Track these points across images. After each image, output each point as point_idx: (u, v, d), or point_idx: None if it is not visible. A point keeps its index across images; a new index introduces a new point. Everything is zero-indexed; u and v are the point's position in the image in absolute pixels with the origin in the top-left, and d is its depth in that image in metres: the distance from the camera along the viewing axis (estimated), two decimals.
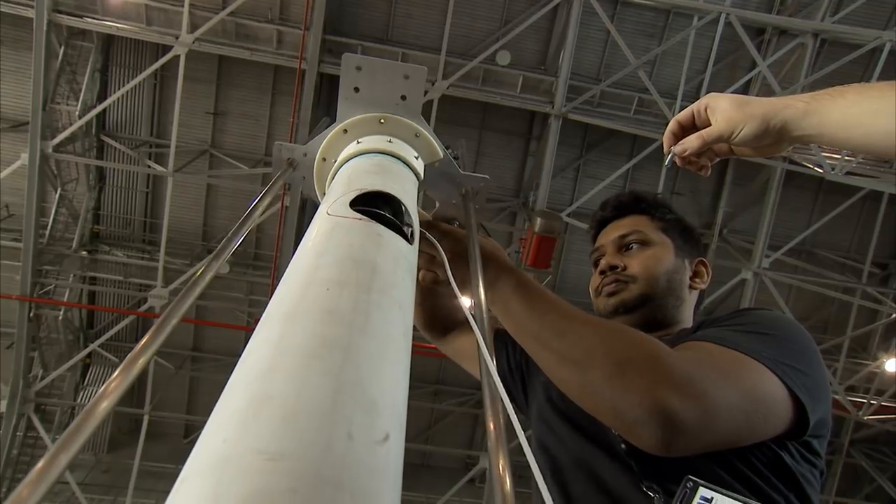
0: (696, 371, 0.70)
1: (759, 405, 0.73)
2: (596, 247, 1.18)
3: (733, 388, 0.71)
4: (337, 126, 0.74)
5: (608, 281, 1.09)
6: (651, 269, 1.06)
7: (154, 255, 7.33)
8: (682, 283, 1.09)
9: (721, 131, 0.80)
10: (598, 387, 0.69)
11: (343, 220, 0.52)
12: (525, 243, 6.39)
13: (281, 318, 0.40)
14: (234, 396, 0.34)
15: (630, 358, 0.69)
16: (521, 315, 0.79)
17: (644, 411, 0.65)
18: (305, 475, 0.28)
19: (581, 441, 0.92)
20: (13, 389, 6.74)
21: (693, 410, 0.66)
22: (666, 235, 1.12)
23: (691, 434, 0.66)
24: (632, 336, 0.73)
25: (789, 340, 0.82)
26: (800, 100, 0.76)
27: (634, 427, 0.66)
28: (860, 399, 7.37)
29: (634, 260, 1.09)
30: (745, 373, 0.74)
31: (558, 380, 0.75)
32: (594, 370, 0.70)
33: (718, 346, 0.77)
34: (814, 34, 6.44)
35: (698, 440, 0.68)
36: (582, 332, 0.74)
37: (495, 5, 6.84)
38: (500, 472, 0.35)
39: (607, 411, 0.69)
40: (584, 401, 0.73)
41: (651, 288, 1.06)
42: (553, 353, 0.75)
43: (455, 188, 0.79)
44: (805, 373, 0.78)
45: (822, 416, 0.81)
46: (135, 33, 6.31)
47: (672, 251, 1.10)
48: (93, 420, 0.37)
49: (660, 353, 0.70)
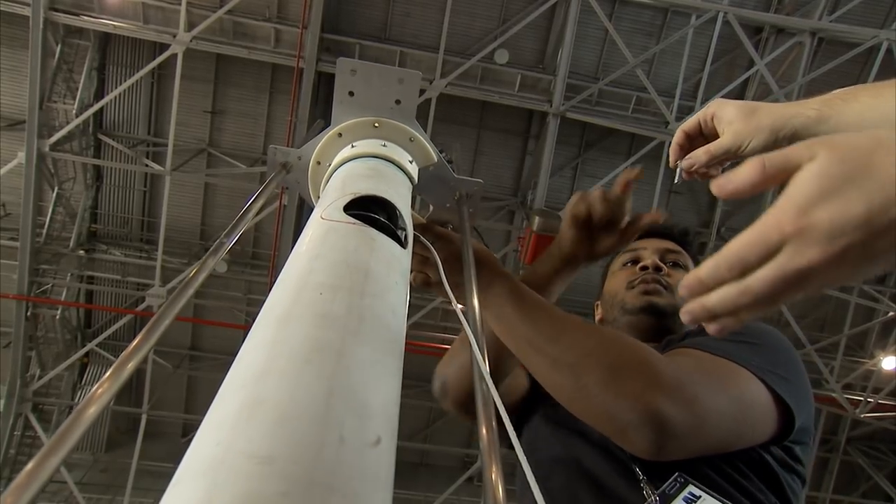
0: (687, 377, 0.71)
1: (748, 411, 0.75)
2: (634, 247, 1.19)
3: (723, 393, 0.73)
4: (331, 130, 0.74)
5: (650, 278, 1.11)
6: None
7: (152, 254, 7.31)
8: None
9: (728, 146, 0.74)
10: (590, 391, 0.70)
11: (337, 225, 0.52)
12: (523, 242, 6.39)
13: (274, 321, 0.40)
14: (227, 400, 0.35)
15: (623, 363, 0.70)
16: (514, 320, 0.80)
17: (637, 415, 0.66)
18: (298, 478, 0.28)
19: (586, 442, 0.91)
20: (10, 389, 6.73)
21: (684, 415, 0.67)
22: (693, 266, 1.18)
23: (682, 438, 0.67)
24: (625, 342, 0.75)
25: (774, 349, 0.84)
26: (810, 107, 0.70)
27: (627, 431, 0.67)
28: (857, 397, 7.39)
29: (675, 274, 1.13)
30: (734, 379, 0.75)
31: (550, 384, 0.76)
32: (587, 374, 0.70)
33: (707, 354, 0.79)
34: (811, 33, 6.45)
35: (689, 444, 0.69)
36: (576, 336, 0.75)
37: (493, 4, 6.84)
38: (493, 478, 0.35)
39: (600, 415, 0.70)
40: (575, 405, 0.73)
41: (678, 305, 1.09)
42: (546, 358, 0.75)
43: (449, 192, 0.79)
44: (790, 381, 0.79)
45: (806, 424, 0.82)
46: (132, 32, 6.29)
47: None
48: (85, 420, 0.37)
49: (652, 360, 0.71)
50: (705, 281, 0.46)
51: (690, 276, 0.47)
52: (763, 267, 0.43)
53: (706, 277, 0.46)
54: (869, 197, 0.39)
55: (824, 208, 0.40)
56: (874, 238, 0.39)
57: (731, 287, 0.44)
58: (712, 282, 0.45)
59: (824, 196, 0.40)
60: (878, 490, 8.27)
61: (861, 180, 0.40)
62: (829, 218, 0.40)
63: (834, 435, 8.49)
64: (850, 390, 7.50)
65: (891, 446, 8.58)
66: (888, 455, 8.57)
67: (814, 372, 7.49)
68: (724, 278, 0.45)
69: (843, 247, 0.40)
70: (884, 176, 0.39)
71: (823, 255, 0.40)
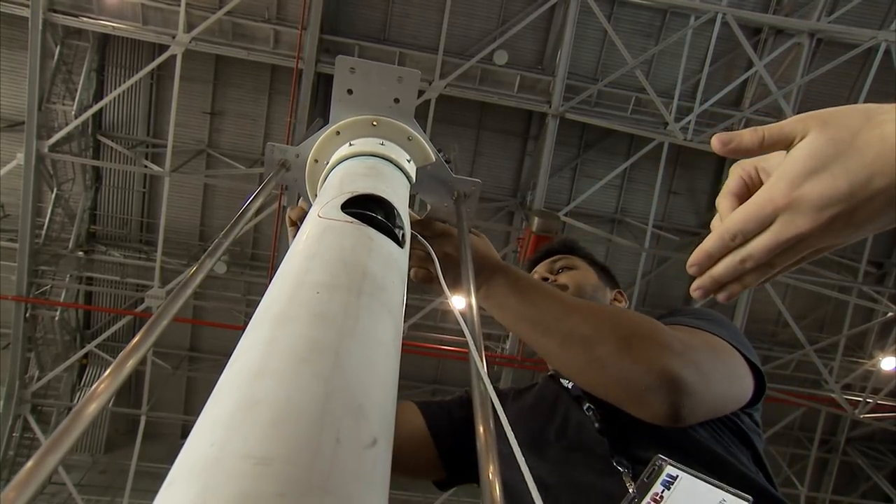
0: (690, 342, 0.77)
1: (736, 375, 0.82)
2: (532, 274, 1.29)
3: (719, 360, 0.80)
4: (329, 128, 0.74)
5: None
6: (578, 282, 1.20)
7: (151, 255, 7.31)
8: (605, 301, 1.23)
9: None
10: (605, 361, 0.73)
11: (334, 223, 0.52)
12: (522, 243, 6.40)
13: (270, 321, 0.40)
14: (222, 400, 0.34)
15: (634, 332, 0.74)
16: (519, 307, 0.82)
17: (655, 379, 0.70)
18: (293, 480, 0.28)
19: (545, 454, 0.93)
20: (9, 390, 6.72)
21: (696, 376, 0.71)
22: (589, 265, 1.27)
23: (696, 397, 0.71)
24: (631, 315, 0.79)
25: (730, 327, 0.93)
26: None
27: (646, 395, 0.70)
28: (856, 397, 7.39)
29: (563, 277, 1.22)
30: (722, 349, 0.83)
31: (561, 361, 0.79)
32: (601, 345, 0.74)
33: (695, 329, 0.85)
34: (810, 34, 6.46)
35: (702, 404, 0.73)
36: (585, 312, 0.79)
37: (492, 5, 6.84)
38: (490, 479, 0.35)
39: (616, 384, 0.73)
40: (588, 376, 0.77)
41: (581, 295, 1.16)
42: (555, 336, 0.78)
43: (447, 191, 0.79)
44: (752, 352, 0.88)
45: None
46: (131, 33, 6.29)
47: (595, 274, 1.26)
48: (83, 420, 0.36)
49: (660, 328, 0.76)
50: (712, 252, 0.50)
51: (698, 252, 0.51)
52: (761, 234, 0.47)
53: (712, 249, 0.50)
54: (852, 173, 0.43)
55: (812, 183, 0.44)
56: (857, 209, 0.44)
57: (734, 255, 0.49)
58: (717, 252, 0.50)
59: (813, 173, 0.45)
60: (877, 490, 8.28)
61: (846, 157, 0.43)
62: (817, 192, 0.44)
63: (833, 435, 8.49)
64: (849, 391, 7.51)
65: (890, 447, 8.59)
66: (887, 455, 8.58)
67: (813, 372, 7.51)
68: (729, 247, 0.49)
69: (830, 217, 0.44)
70: (867, 153, 0.43)
71: (812, 224, 0.45)
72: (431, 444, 1.08)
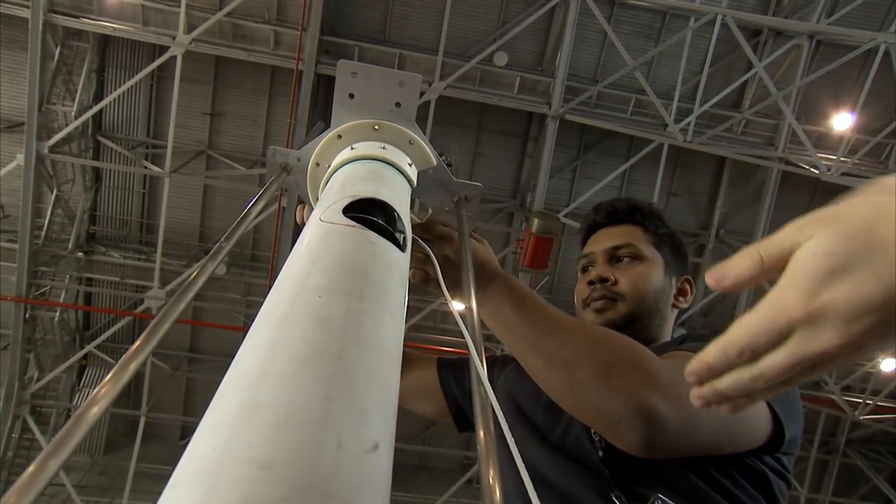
0: (681, 376, 0.71)
1: (738, 418, 0.74)
2: (585, 252, 1.17)
3: None
4: (331, 131, 0.74)
5: (597, 295, 1.08)
6: (640, 289, 1.06)
7: (150, 256, 7.31)
8: (667, 303, 1.10)
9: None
10: (584, 386, 0.70)
11: (336, 227, 0.52)
12: (522, 244, 6.39)
13: (272, 324, 0.40)
14: (225, 403, 0.34)
15: (617, 360, 0.71)
16: (511, 318, 0.81)
17: (630, 411, 0.66)
18: (296, 484, 0.28)
19: (548, 450, 0.92)
20: (9, 391, 6.72)
21: (676, 412, 0.67)
22: (657, 251, 1.11)
23: (673, 435, 0.67)
24: (619, 339, 0.75)
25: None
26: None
27: (619, 426, 0.67)
28: (856, 399, 7.40)
29: (625, 275, 1.07)
30: None
31: (544, 380, 0.77)
32: (581, 370, 0.71)
33: None
34: (809, 35, 6.47)
35: (680, 442, 0.69)
36: (571, 333, 0.76)
37: (492, 6, 6.85)
38: (491, 481, 0.35)
39: (592, 411, 0.70)
40: (568, 400, 0.74)
41: (639, 307, 1.06)
42: (541, 354, 0.76)
43: (448, 195, 0.79)
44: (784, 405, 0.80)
45: (795, 435, 0.83)
46: (131, 34, 6.29)
47: (662, 269, 1.09)
48: (84, 424, 0.37)
49: (646, 357, 0.72)
50: (714, 367, 0.44)
51: (697, 362, 0.45)
52: (775, 351, 0.40)
53: (714, 363, 0.44)
54: (883, 276, 0.36)
55: (835, 290, 0.37)
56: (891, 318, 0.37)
57: (744, 372, 0.43)
58: (721, 368, 0.44)
59: (832, 277, 0.38)
60: (877, 492, 8.27)
61: (869, 258, 0.37)
62: (844, 300, 0.37)
63: (833, 437, 8.49)
64: (849, 392, 7.51)
65: (890, 448, 8.59)
66: (887, 457, 8.58)
67: None
68: (734, 364, 0.43)
69: (861, 330, 0.37)
70: (891, 252, 0.36)
71: (840, 339, 0.38)
72: (443, 400, 1.18)
